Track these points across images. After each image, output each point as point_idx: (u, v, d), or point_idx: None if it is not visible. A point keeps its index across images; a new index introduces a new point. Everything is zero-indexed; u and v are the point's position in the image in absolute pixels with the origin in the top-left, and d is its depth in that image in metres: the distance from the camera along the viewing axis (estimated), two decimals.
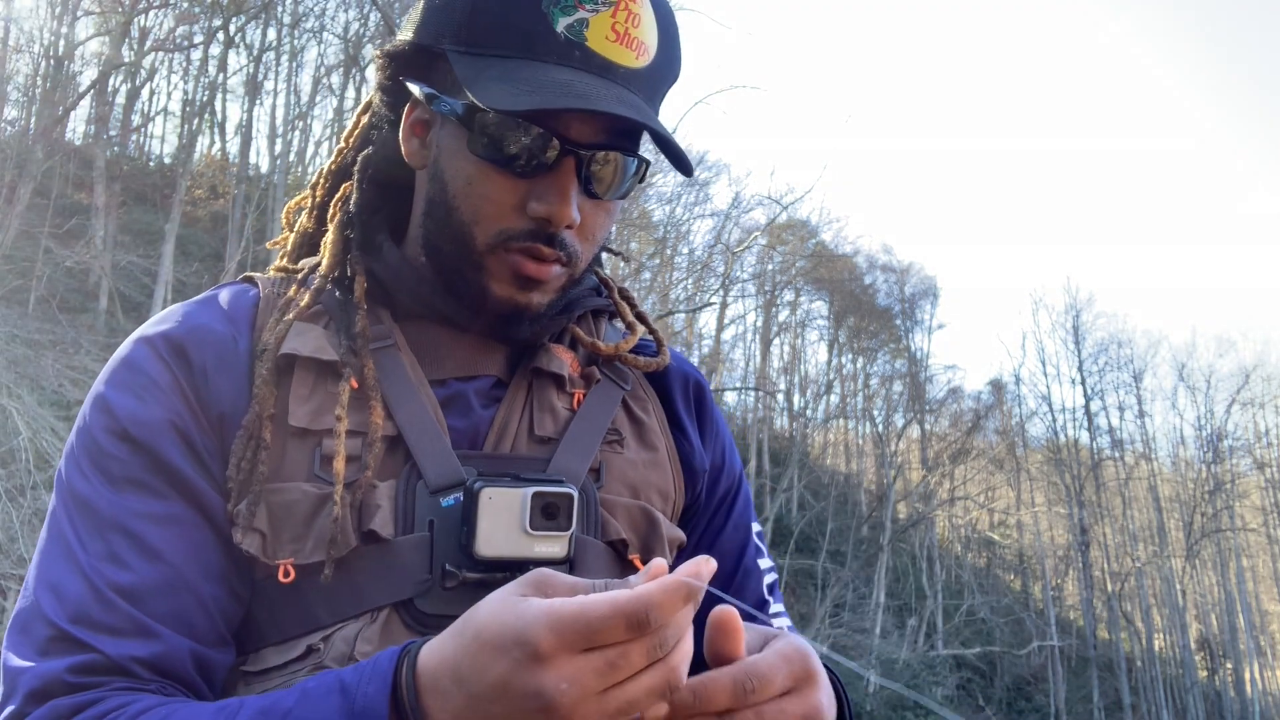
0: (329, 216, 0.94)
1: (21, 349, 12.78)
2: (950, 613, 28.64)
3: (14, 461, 10.32)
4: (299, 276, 0.92)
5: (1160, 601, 33.35)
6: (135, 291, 17.33)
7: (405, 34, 0.88)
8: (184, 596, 0.76)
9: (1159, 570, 33.16)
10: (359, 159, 0.92)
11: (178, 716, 0.69)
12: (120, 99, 22.46)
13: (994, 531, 35.22)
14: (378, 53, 0.89)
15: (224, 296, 0.89)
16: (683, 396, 0.99)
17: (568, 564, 0.80)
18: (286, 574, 0.78)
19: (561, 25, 0.79)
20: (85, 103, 20.43)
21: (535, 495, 0.77)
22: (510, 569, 0.77)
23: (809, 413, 32.85)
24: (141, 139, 24.71)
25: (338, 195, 0.94)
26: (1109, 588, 32.02)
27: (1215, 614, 34.52)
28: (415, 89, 0.86)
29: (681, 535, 0.93)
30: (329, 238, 0.92)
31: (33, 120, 18.36)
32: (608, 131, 0.82)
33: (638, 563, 0.86)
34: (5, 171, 15.61)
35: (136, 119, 23.58)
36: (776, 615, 0.98)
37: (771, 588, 1.00)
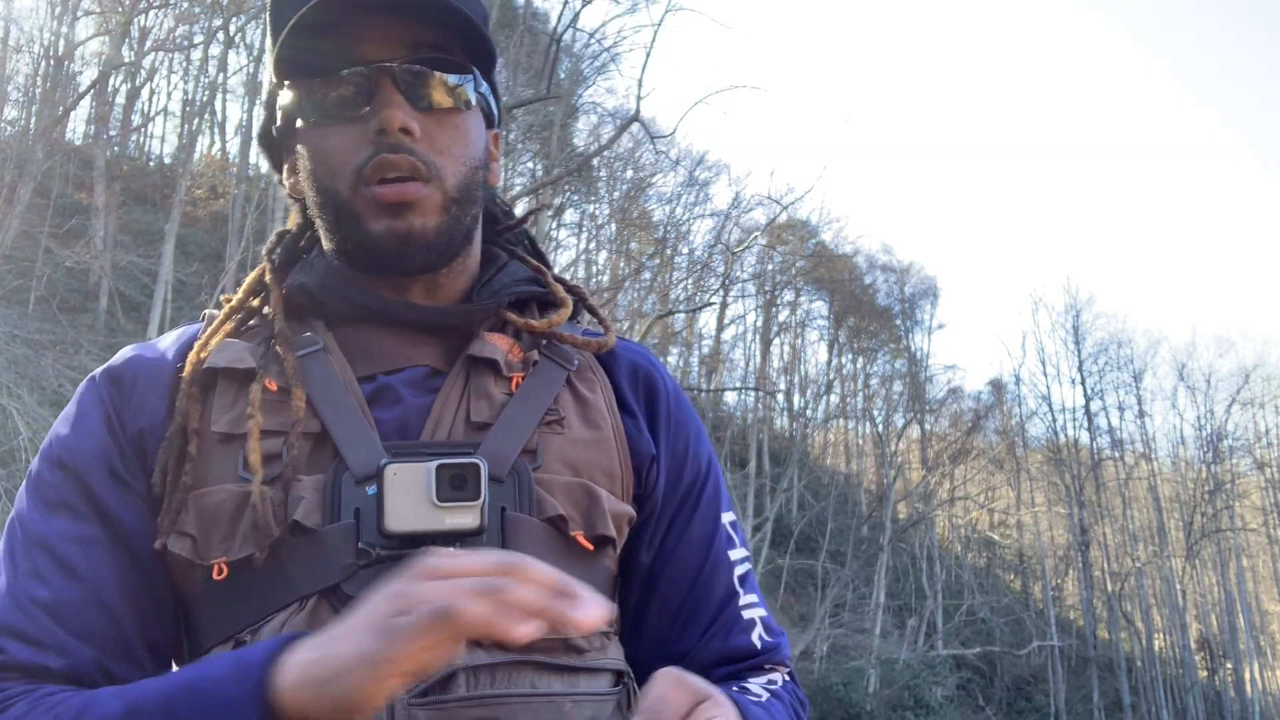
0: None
1: (21, 349, 12.78)
2: (950, 613, 28.65)
3: (14, 461, 10.34)
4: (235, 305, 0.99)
5: (1160, 601, 33.35)
6: (135, 291, 17.33)
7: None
8: (96, 613, 0.81)
9: (1159, 570, 33.16)
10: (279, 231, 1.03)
11: (64, 701, 0.74)
12: (120, 99, 22.47)
13: (994, 531, 35.24)
14: (258, 140, 0.99)
15: (173, 332, 0.97)
16: (629, 383, 0.99)
17: (481, 534, 0.81)
18: (220, 571, 0.81)
19: None
20: (85, 103, 20.43)
21: (440, 467, 0.79)
22: (423, 542, 0.79)
23: (809, 413, 32.87)
24: (141, 139, 24.71)
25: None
26: (1109, 588, 32.03)
27: (1215, 614, 34.53)
28: (271, 129, 0.96)
29: (629, 510, 0.92)
30: (251, 274, 1.00)
31: (33, 120, 18.35)
32: (410, 46, 0.88)
33: (580, 539, 0.87)
34: (5, 171, 15.61)
35: (136, 119, 23.58)
36: (748, 606, 0.98)
37: (743, 578, 0.99)
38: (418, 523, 0.78)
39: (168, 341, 0.94)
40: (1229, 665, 32.54)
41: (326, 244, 0.93)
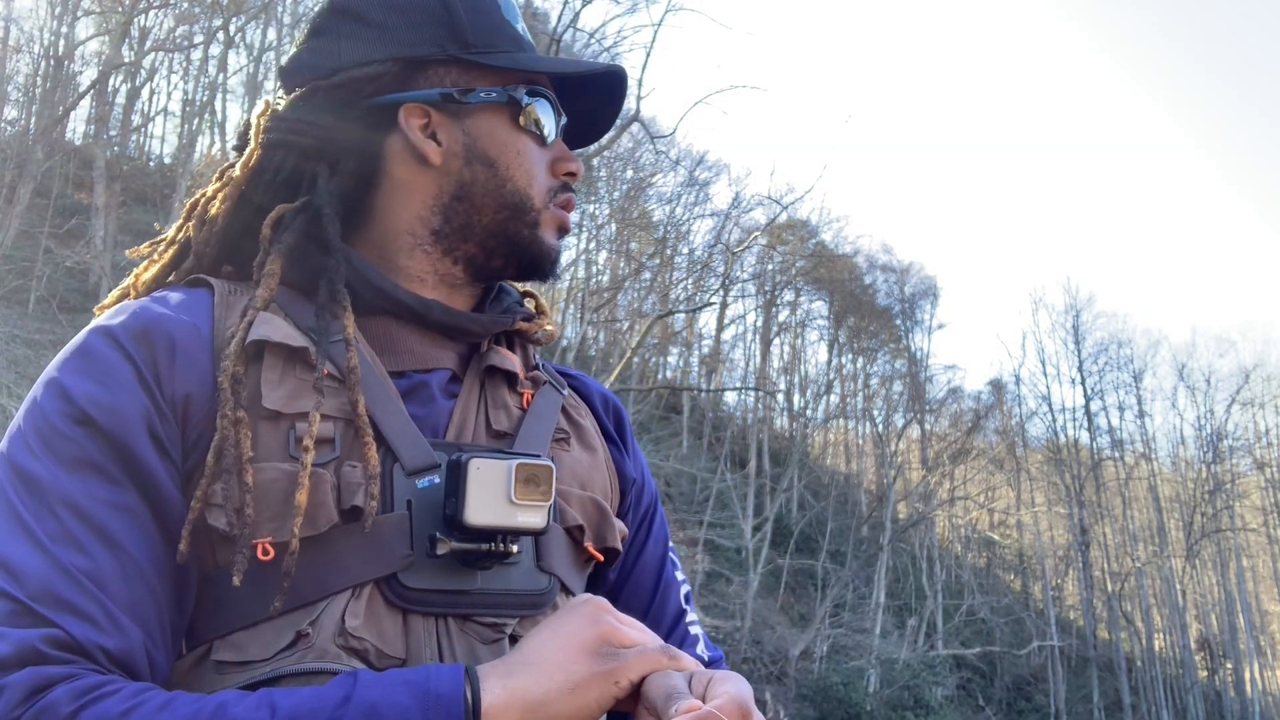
0: (263, 237, 0.93)
1: (21, 349, 12.79)
2: (950, 613, 28.65)
3: None
4: (255, 279, 0.93)
5: (1160, 601, 33.36)
6: None
7: (359, 56, 0.94)
8: (140, 588, 0.75)
9: (1159, 570, 33.17)
10: (319, 184, 0.93)
11: (180, 704, 0.69)
12: (120, 99, 22.49)
13: (994, 531, 35.24)
14: (339, 82, 0.94)
15: (177, 293, 0.90)
16: (604, 412, 1.08)
17: (545, 534, 0.86)
18: (265, 552, 0.78)
19: (519, 29, 0.99)
20: (85, 103, 20.45)
21: (519, 466, 0.81)
22: (495, 538, 0.81)
23: (809, 413, 32.87)
24: (141, 139, 24.74)
25: (274, 215, 0.94)
26: (1109, 588, 32.04)
27: (1215, 614, 34.54)
28: (419, 97, 0.94)
29: (625, 529, 1.00)
30: (273, 257, 0.91)
31: (33, 120, 18.36)
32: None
33: (591, 549, 0.93)
34: (5, 171, 15.62)
35: (136, 119, 23.60)
36: (693, 622, 1.08)
37: (687, 597, 1.09)
38: (495, 518, 0.80)
39: (183, 301, 0.88)
40: (1229, 665, 32.55)
41: (446, 224, 0.95)
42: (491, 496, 0.80)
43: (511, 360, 0.97)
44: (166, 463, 0.79)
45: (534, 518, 0.82)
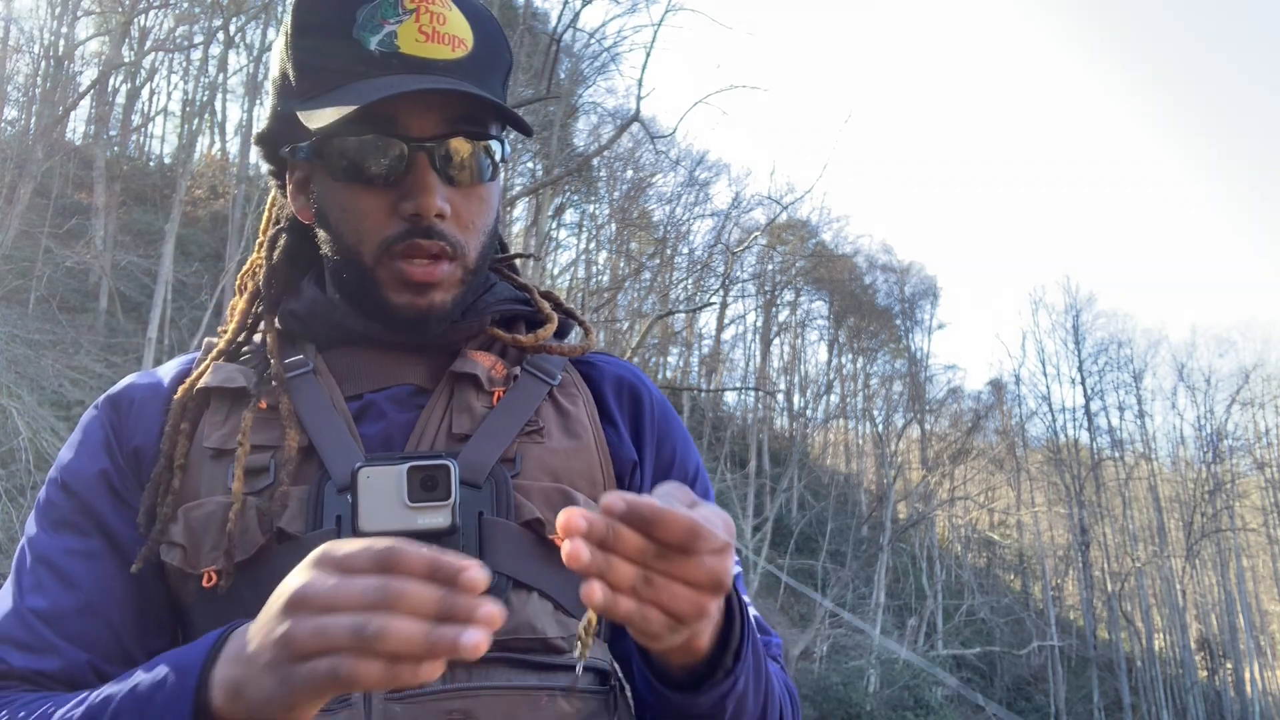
0: (240, 287, 1.04)
1: (21, 349, 12.79)
2: (950, 613, 28.65)
3: (14, 461, 10.34)
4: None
5: (1160, 601, 33.36)
6: (135, 291, 17.32)
7: (267, 114, 0.99)
8: (90, 619, 0.87)
9: (1159, 570, 33.17)
10: (269, 238, 1.02)
11: (23, 702, 0.79)
12: (120, 99, 22.47)
13: (994, 531, 35.23)
14: (255, 139, 0.99)
15: (175, 360, 1.02)
16: (614, 395, 1.02)
17: (455, 534, 0.83)
18: (210, 579, 0.85)
19: (374, 44, 0.88)
20: (85, 103, 20.44)
21: (411, 469, 0.81)
22: None
23: (809, 413, 32.87)
24: (141, 139, 24.70)
25: (245, 269, 1.04)
26: (1109, 588, 32.03)
27: (1215, 614, 34.54)
28: (286, 151, 0.95)
29: None
30: (236, 299, 1.02)
31: (33, 120, 18.36)
32: (448, 121, 0.89)
33: (558, 542, 0.87)
34: (5, 171, 15.63)
35: (136, 119, 23.57)
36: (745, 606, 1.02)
37: (735, 579, 1.02)
38: (390, 523, 0.80)
39: (167, 367, 1.00)
40: (1229, 665, 32.55)
41: (333, 282, 0.97)
42: (385, 503, 0.81)
43: (479, 363, 0.96)
44: (126, 510, 0.91)
45: (435, 518, 0.81)
